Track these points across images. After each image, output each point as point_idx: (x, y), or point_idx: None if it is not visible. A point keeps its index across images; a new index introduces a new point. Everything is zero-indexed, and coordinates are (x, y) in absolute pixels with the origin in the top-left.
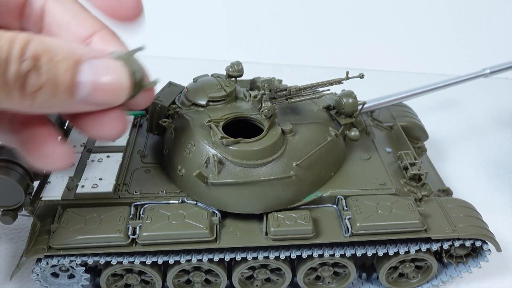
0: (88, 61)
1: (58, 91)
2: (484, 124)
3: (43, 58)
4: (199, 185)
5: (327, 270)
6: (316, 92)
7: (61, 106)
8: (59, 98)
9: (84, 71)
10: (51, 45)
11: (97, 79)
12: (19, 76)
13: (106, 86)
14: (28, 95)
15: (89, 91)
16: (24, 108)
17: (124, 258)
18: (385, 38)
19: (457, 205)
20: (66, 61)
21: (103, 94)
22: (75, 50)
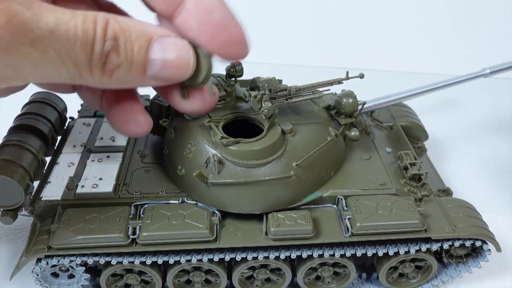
0: (158, 39)
1: (133, 68)
2: (484, 124)
3: (121, 38)
4: (199, 185)
5: (327, 270)
6: (316, 92)
7: (134, 81)
8: (133, 74)
9: (155, 49)
10: (126, 25)
11: (166, 56)
12: (103, 55)
13: (173, 62)
14: (108, 72)
15: (159, 67)
16: (101, 84)
17: (124, 258)
18: (385, 38)
19: (457, 205)
20: (140, 40)
21: (171, 70)
22: (146, 29)
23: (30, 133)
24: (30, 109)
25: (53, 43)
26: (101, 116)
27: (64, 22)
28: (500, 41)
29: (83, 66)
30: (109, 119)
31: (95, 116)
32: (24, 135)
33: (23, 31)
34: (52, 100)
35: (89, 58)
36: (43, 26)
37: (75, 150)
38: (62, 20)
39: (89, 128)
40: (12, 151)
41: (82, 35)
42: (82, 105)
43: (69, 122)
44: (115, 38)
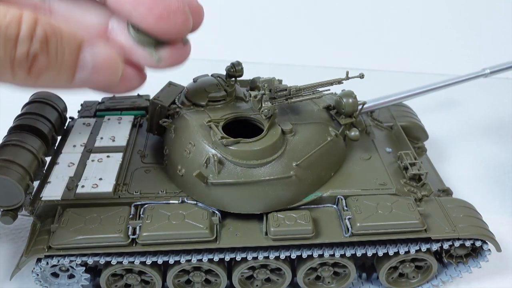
0: (89, 44)
1: (62, 71)
2: (484, 124)
3: (52, 39)
4: (199, 185)
5: (327, 270)
6: (316, 92)
7: (61, 85)
8: (61, 78)
9: (86, 54)
10: (56, 26)
11: (96, 61)
12: (29, 56)
13: (103, 67)
14: (33, 74)
15: (88, 72)
16: (24, 85)
17: (124, 258)
18: (385, 38)
19: (457, 205)
20: (71, 43)
21: (100, 75)
22: (76, 33)
23: (30, 133)
24: (30, 109)
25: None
26: (101, 116)
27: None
28: (500, 41)
29: (2, 65)
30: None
31: (95, 116)
32: (24, 135)
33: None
34: (52, 100)
35: (11, 58)
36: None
37: (75, 150)
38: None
39: (89, 128)
40: (12, 151)
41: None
42: (82, 105)
43: (69, 122)
44: (45, 40)
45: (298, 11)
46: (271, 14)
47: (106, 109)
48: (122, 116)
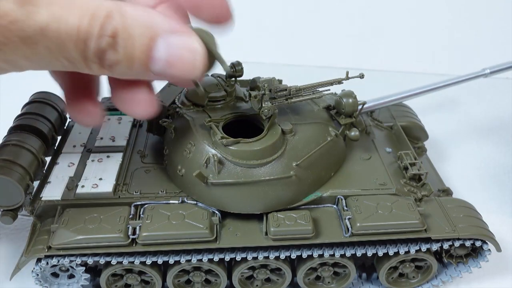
0: (164, 37)
1: (134, 65)
2: (484, 124)
3: (121, 35)
4: (199, 185)
5: (327, 270)
6: (316, 92)
7: (138, 76)
8: (135, 71)
9: (159, 48)
10: (129, 19)
11: (170, 56)
12: (97, 52)
13: (177, 63)
14: (106, 67)
15: (162, 66)
16: (103, 74)
17: (124, 258)
18: (385, 38)
19: (457, 205)
20: (142, 37)
21: (176, 69)
22: (152, 24)
23: (30, 133)
24: (30, 109)
25: (44, 41)
26: None
27: (56, 19)
28: (500, 41)
29: (77, 61)
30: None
31: None
32: (24, 135)
33: (13, 30)
34: (52, 100)
35: (83, 55)
36: (33, 24)
37: (75, 150)
38: (55, 16)
39: (89, 128)
40: (12, 151)
41: (75, 33)
42: None
43: (69, 122)
44: (113, 35)
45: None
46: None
47: (106, 109)
48: (122, 116)
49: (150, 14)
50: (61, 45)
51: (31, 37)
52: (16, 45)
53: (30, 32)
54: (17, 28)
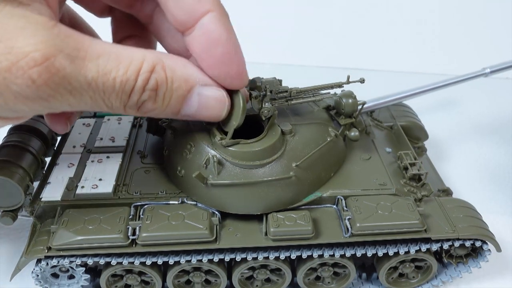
0: (197, 89)
1: (167, 111)
2: (484, 124)
3: (161, 88)
4: (199, 186)
5: (327, 270)
6: (317, 94)
7: (166, 117)
8: (166, 114)
9: (193, 98)
10: (170, 73)
11: (201, 107)
12: (138, 103)
13: (206, 112)
14: (141, 112)
15: (192, 112)
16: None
17: (124, 259)
18: (385, 38)
19: (457, 205)
20: (180, 89)
21: (204, 115)
22: (189, 78)
23: (29, 133)
24: None
25: (89, 92)
26: (101, 117)
27: (104, 73)
28: (500, 41)
29: (116, 108)
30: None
31: (95, 117)
32: (24, 136)
33: (63, 84)
34: None
35: (124, 104)
36: (82, 79)
37: (75, 150)
38: (102, 71)
39: (89, 128)
40: (11, 151)
41: (120, 87)
42: None
43: None
44: (155, 89)
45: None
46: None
47: None
48: (122, 117)
49: (186, 66)
50: (105, 96)
51: (78, 89)
52: (62, 96)
53: (78, 86)
54: (67, 82)
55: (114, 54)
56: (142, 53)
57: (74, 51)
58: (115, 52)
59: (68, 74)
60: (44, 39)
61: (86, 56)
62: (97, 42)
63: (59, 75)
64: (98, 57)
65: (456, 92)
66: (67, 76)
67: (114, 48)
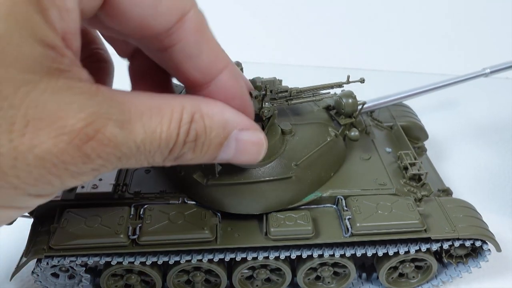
0: (236, 134)
1: (204, 159)
2: (484, 124)
3: (201, 138)
4: (199, 185)
5: (327, 270)
6: (317, 94)
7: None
8: (200, 162)
9: (230, 144)
10: (208, 121)
11: (238, 153)
12: (178, 156)
13: (244, 155)
14: (177, 161)
15: (229, 157)
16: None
17: (124, 259)
18: (385, 38)
19: (457, 205)
20: (217, 138)
21: (241, 160)
22: (227, 124)
23: None
24: None
25: (137, 156)
26: None
27: (151, 133)
28: (500, 41)
29: (156, 164)
30: None
31: None
32: None
33: (114, 153)
34: None
35: (164, 159)
36: (132, 144)
37: None
38: (149, 130)
39: None
40: None
41: (164, 144)
42: None
43: None
44: (195, 139)
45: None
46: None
47: None
48: None
49: (223, 112)
50: (150, 155)
51: (127, 155)
52: (112, 164)
53: (128, 152)
54: (118, 151)
55: (155, 109)
56: (180, 102)
57: (121, 115)
58: (156, 105)
59: (120, 142)
60: (92, 110)
61: (131, 118)
62: (136, 97)
63: (111, 145)
64: (142, 115)
65: (456, 92)
66: (118, 144)
67: (154, 100)
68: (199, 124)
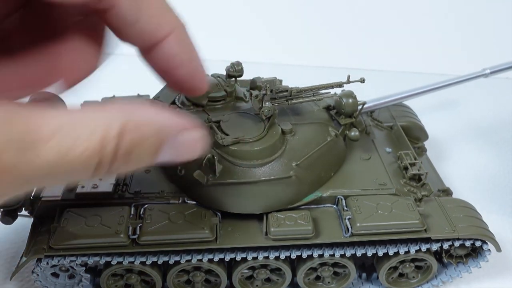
0: (172, 139)
1: (140, 167)
2: (484, 124)
3: (135, 151)
4: (199, 185)
5: (327, 270)
6: (317, 94)
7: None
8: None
9: (165, 151)
10: (142, 129)
11: (175, 153)
12: (110, 171)
13: (182, 155)
14: (110, 173)
15: (166, 160)
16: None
17: (124, 258)
18: (385, 38)
19: (457, 205)
20: (152, 146)
21: (178, 159)
22: (161, 129)
23: None
24: None
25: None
26: None
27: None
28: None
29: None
30: None
31: None
32: None
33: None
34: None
35: (91, 175)
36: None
37: None
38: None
39: None
40: None
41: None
42: (82, 105)
43: None
44: (128, 152)
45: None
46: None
47: None
48: None
49: (156, 117)
50: (70, 175)
51: (37, 179)
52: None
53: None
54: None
55: (70, 125)
56: (105, 115)
57: (25, 136)
58: (71, 122)
59: (21, 169)
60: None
61: (40, 139)
62: (50, 115)
63: (11, 174)
64: (54, 134)
65: (456, 92)
66: (20, 172)
67: (70, 117)
68: (130, 136)
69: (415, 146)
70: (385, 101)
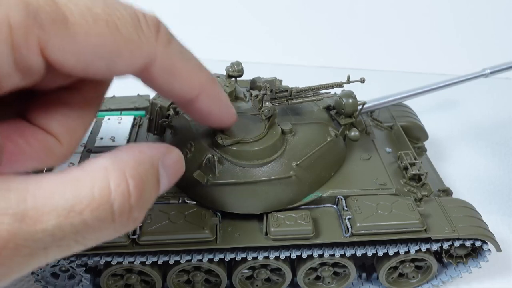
0: (161, 165)
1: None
2: (484, 124)
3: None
4: (199, 185)
5: (327, 270)
6: (317, 94)
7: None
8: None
9: (163, 178)
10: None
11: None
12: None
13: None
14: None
15: (166, 188)
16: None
17: (124, 258)
18: (385, 38)
19: (457, 205)
20: (153, 178)
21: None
22: (153, 161)
23: None
24: None
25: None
26: (101, 116)
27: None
28: (500, 41)
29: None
30: None
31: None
32: None
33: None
34: None
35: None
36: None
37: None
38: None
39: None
40: None
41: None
42: None
43: None
44: (129, 211)
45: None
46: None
47: (106, 109)
48: (122, 116)
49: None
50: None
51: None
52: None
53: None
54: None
55: (68, 185)
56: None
57: (20, 204)
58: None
59: (22, 239)
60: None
61: (36, 204)
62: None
63: (9, 247)
64: (52, 196)
65: (456, 92)
66: (21, 243)
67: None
68: (133, 197)
69: (415, 146)
70: (385, 101)
